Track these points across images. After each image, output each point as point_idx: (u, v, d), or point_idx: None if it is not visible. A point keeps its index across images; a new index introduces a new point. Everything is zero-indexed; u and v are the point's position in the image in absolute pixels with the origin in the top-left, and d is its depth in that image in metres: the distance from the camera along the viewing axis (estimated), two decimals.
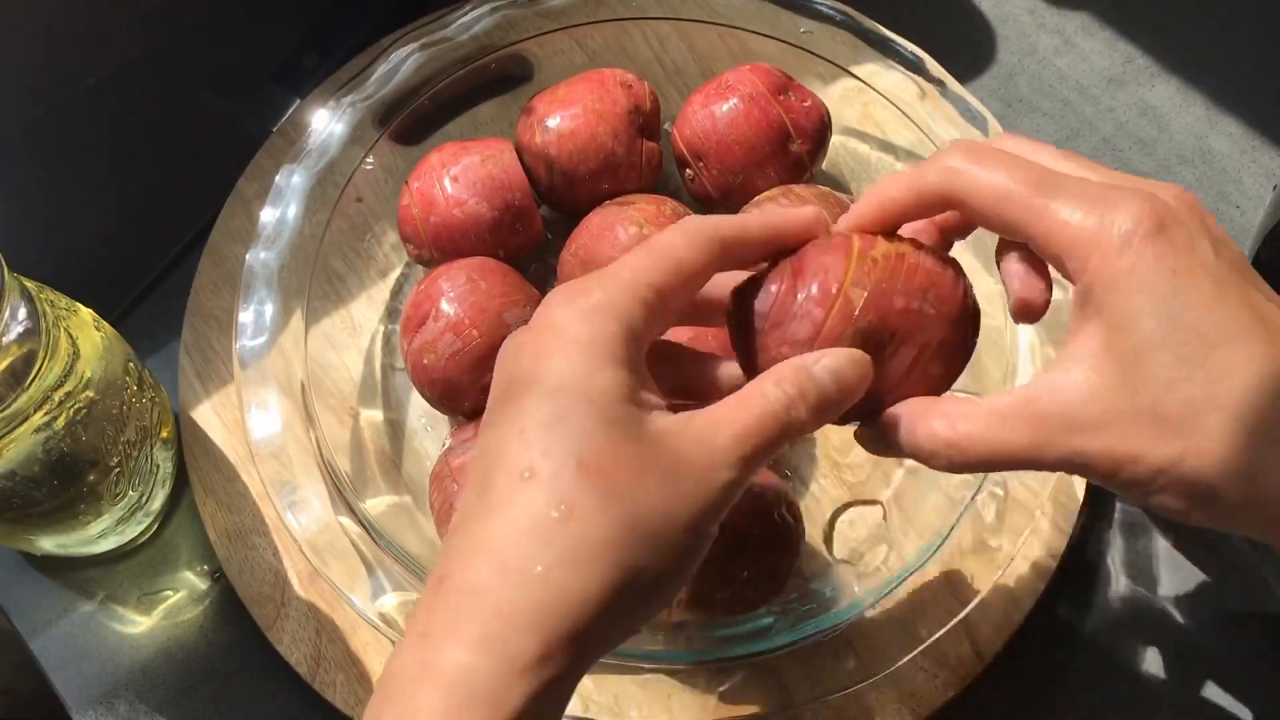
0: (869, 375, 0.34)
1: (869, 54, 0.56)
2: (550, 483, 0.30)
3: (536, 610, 0.29)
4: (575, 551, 0.29)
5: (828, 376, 0.33)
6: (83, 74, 0.62)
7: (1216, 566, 0.54)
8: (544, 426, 0.30)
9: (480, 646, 0.28)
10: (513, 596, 0.29)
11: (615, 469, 0.30)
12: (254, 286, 0.51)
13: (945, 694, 0.49)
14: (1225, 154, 0.64)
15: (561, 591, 0.29)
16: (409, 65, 0.56)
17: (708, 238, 0.34)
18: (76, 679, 0.51)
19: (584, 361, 0.31)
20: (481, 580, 0.29)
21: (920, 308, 0.34)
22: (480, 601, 0.29)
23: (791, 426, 0.32)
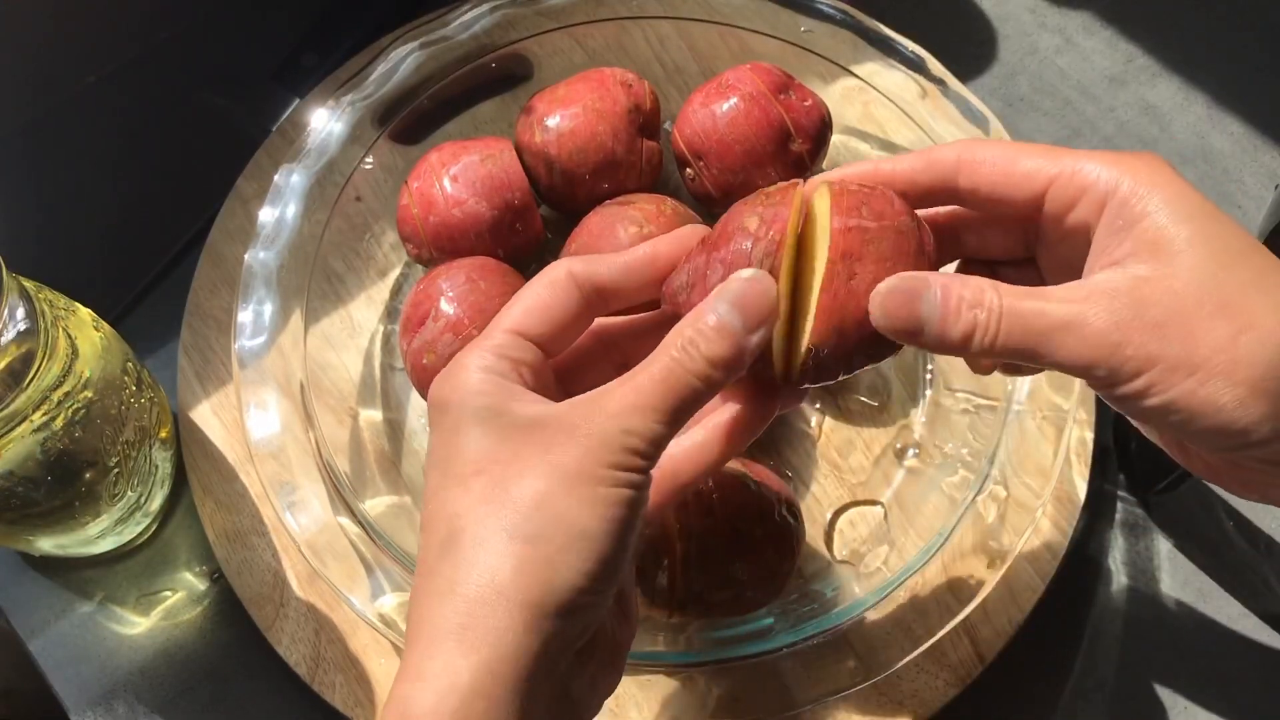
0: (769, 289, 0.33)
1: (870, 53, 0.56)
2: (441, 511, 0.32)
3: (450, 617, 0.30)
4: (471, 549, 0.30)
5: (722, 304, 0.32)
6: (82, 73, 0.62)
7: (1216, 566, 0.54)
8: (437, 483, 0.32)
9: (415, 672, 0.30)
10: (433, 617, 0.30)
11: (490, 466, 0.31)
12: (253, 286, 0.51)
13: (945, 694, 0.49)
14: (1226, 153, 0.64)
15: (465, 589, 0.30)
16: (408, 64, 0.56)
17: (576, 285, 0.35)
18: (75, 680, 0.51)
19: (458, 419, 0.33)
20: (416, 618, 0.31)
21: (859, 224, 0.33)
22: (414, 636, 0.31)
23: (695, 367, 0.32)
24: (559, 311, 0.35)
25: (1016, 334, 0.32)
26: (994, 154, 0.35)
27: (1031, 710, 0.52)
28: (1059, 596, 0.52)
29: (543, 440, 0.31)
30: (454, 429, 0.32)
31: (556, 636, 0.30)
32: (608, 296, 0.36)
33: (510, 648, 0.29)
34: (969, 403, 0.52)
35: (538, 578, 0.30)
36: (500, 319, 0.35)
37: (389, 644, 0.50)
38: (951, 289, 0.32)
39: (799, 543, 0.48)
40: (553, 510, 0.30)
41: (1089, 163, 0.33)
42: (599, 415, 0.31)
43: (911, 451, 0.54)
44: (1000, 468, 0.48)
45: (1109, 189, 0.32)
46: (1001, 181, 0.34)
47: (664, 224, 0.51)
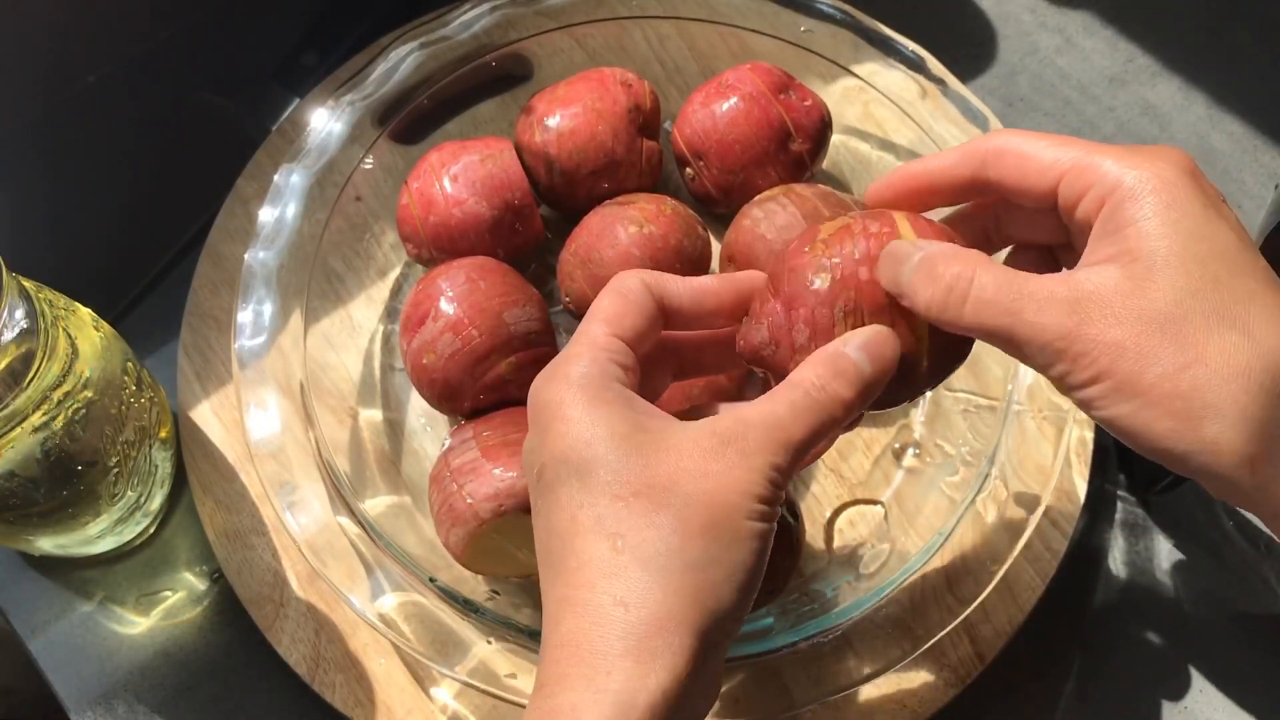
0: (896, 345, 0.35)
1: (870, 53, 0.56)
2: (598, 526, 0.32)
3: (624, 637, 0.30)
4: (640, 571, 0.31)
5: (860, 353, 0.34)
6: (82, 73, 0.62)
7: (1216, 566, 0.54)
8: (578, 491, 0.33)
9: (586, 684, 0.30)
10: (603, 634, 0.31)
11: (646, 489, 0.32)
12: (253, 286, 0.51)
13: (945, 694, 0.49)
14: (1227, 153, 0.64)
15: (640, 611, 0.31)
16: (408, 64, 0.56)
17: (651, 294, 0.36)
18: (75, 679, 0.51)
19: (588, 422, 0.33)
20: (575, 631, 0.31)
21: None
22: (576, 649, 0.31)
23: (831, 406, 0.33)
24: (640, 319, 0.36)
25: (986, 311, 0.32)
26: (1017, 144, 0.35)
27: (1031, 710, 0.52)
28: (1059, 596, 0.52)
29: (698, 468, 0.32)
30: (587, 440, 0.33)
31: (717, 661, 0.32)
32: (671, 315, 0.37)
33: (683, 672, 0.31)
34: (969, 402, 0.52)
35: (706, 606, 0.31)
36: (593, 324, 0.35)
37: (389, 644, 0.50)
38: (929, 258, 0.34)
39: (799, 543, 0.48)
40: (717, 540, 0.31)
41: (1099, 157, 0.33)
42: (750, 448, 0.32)
43: (911, 451, 0.54)
44: (1000, 468, 0.48)
45: (1111, 187, 0.33)
46: (1023, 172, 0.35)
47: (664, 224, 0.51)
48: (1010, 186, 0.35)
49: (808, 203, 0.51)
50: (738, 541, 0.32)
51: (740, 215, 0.53)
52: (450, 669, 0.45)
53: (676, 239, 0.51)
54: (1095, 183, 0.33)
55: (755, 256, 0.51)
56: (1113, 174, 0.33)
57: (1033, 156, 0.35)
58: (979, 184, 0.36)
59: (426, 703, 0.49)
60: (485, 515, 0.45)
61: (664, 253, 0.51)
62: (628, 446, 0.32)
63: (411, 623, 0.45)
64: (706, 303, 0.37)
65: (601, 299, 0.36)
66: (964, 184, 0.37)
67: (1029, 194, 0.35)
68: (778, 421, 0.33)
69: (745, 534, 0.32)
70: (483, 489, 0.45)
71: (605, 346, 0.35)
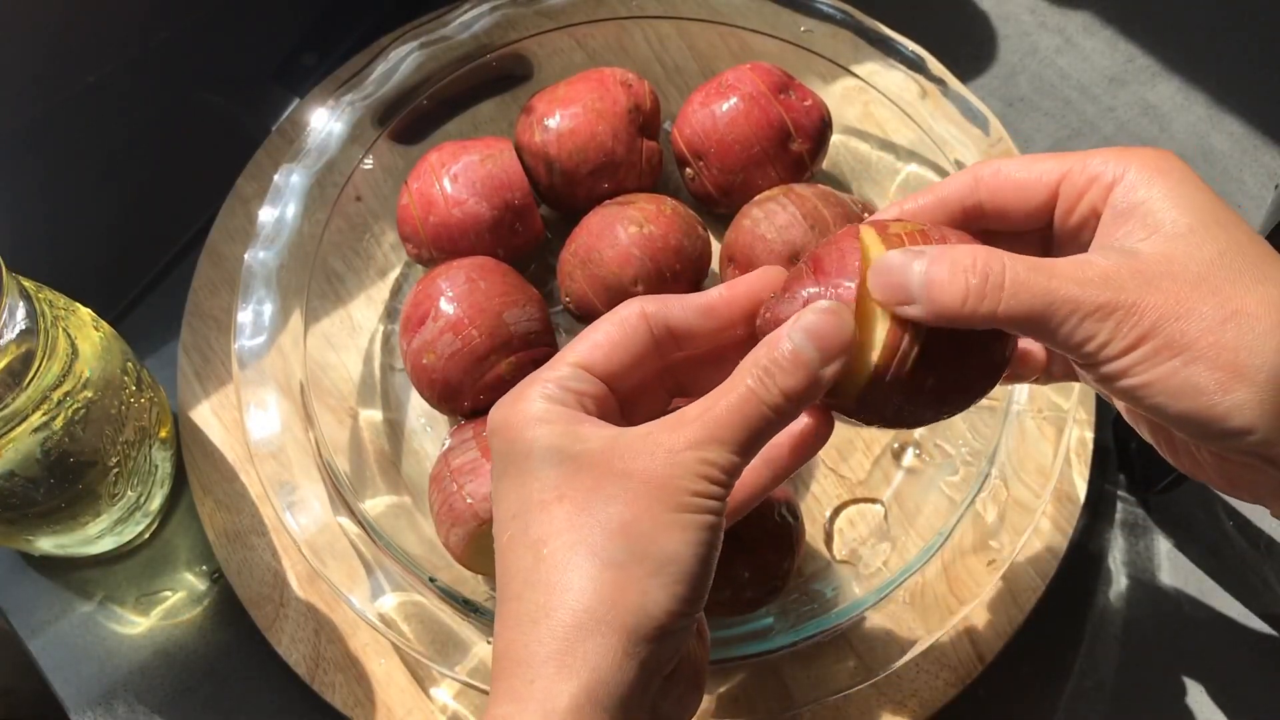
0: (845, 322, 0.33)
1: (870, 53, 0.56)
2: (525, 537, 0.32)
3: (546, 642, 0.30)
4: (560, 574, 0.31)
5: (801, 336, 0.32)
6: (82, 73, 0.62)
7: (1216, 566, 0.54)
8: (514, 506, 0.33)
9: (513, 695, 0.30)
10: (527, 642, 0.31)
11: (570, 493, 0.32)
12: (253, 286, 0.51)
13: (945, 694, 0.49)
14: (1226, 153, 0.64)
15: (560, 614, 0.30)
16: (408, 64, 0.56)
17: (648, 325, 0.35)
18: (75, 679, 0.51)
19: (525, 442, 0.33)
20: (506, 642, 0.31)
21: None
22: (508, 661, 0.31)
23: (770, 398, 0.32)
24: (627, 351, 0.35)
25: (1024, 295, 0.31)
26: (1008, 163, 0.36)
27: (1031, 710, 0.52)
28: (1059, 596, 0.52)
29: (623, 467, 0.32)
30: (524, 455, 0.33)
31: (650, 660, 0.31)
32: (681, 338, 0.36)
33: (607, 673, 0.30)
34: None
35: (632, 603, 0.30)
36: (566, 352, 0.35)
37: (389, 644, 0.50)
38: (942, 253, 0.32)
39: (799, 542, 0.48)
40: (641, 535, 0.31)
41: (1098, 155, 0.34)
42: (679, 444, 0.32)
43: (911, 451, 0.54)
44: (1000, 468, 0.48)
45: (1117, 175, 0.33)
46: (1019, 188, 0.35)
47: (664, 224, 0.51)
48: (1002, 205, 0.35)
49: (808, 203, 0.51)
50: (669, 533, 0.31)
51: (740, 215, 0.53)
52: (450, 669, 0.45)
53: (676, 239, 0.51)
54: (1098, 176, 0.33)
55: (755, 256, 0.51)
56: (1116, 165, 0.33)
57: (1024, 170, 0.35)
58: (970, 213, 0.36)
59: (426, 703, 0.49)
60: (485, 515, 0.45)
61: (664, 253, 0.51)
62: (558, 458, 0.32)
63: (411, 623, 0.45)
64: (713, 316, 0.36)
65: (591, 328, 0.36)
66: (955, 219, 0.36)
67: (1023, 208, 0.35)
68: (715, 418, 0.32)
69: (675, 525, 0.31)
70: (483, 489, 0.45)
71: (559, 374, 0.34)
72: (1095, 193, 0.34)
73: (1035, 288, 0.31)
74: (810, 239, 0.50)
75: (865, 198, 0.57)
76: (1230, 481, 0.34)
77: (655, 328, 0.35)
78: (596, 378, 0.34)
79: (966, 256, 0.32)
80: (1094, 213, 0.34)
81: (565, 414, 0.33)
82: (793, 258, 0.50)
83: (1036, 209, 0.35)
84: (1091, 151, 0.34)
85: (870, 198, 0.58)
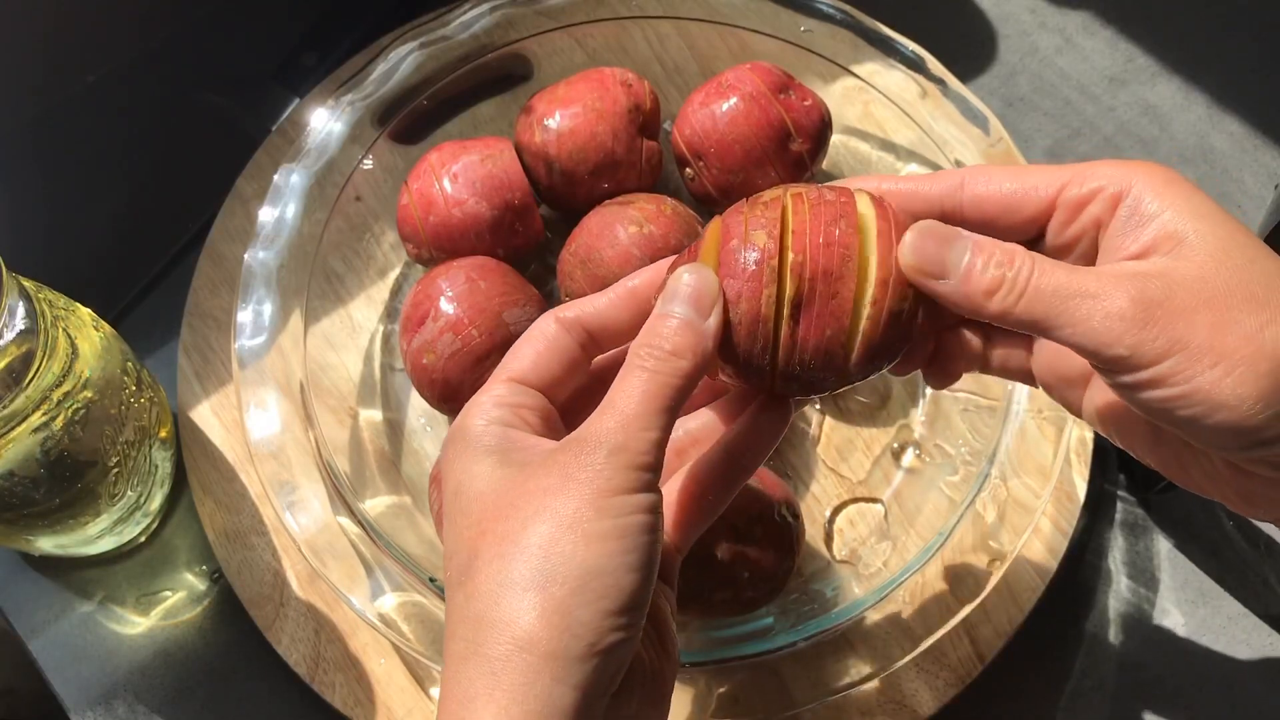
0: (709, 277, 0.33)
1: (869, 53, 0.56)
2: (456, 574, 0.31)
3: (477, 680, 0.29)
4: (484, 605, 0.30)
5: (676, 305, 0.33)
6: (82, 72, 0.62)
7: (1216, 566, 0.54)
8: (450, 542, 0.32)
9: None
10: (459, 680, 0.30)
11: (491, 523, 0.31)
12: (253, 286, 0.51)
13: (945, 694, 0.49)
14: (1226, 153, 0.64)
15: (486, 649, 0.29)
16: (408, 64, 0.55)
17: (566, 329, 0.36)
18: (75, 679, 0.51)
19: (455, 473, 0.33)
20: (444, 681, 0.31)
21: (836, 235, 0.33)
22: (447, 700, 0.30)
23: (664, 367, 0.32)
24: (553, 357, 0.35)
25: (1044, 297, 0.31)
26: (999, 172, 0.35)
27: (1031, 710, 0.52)
28: (1059, 596, 0.52)
29: (541, 483, 0.31)
30: (461, 478, 0.32)
31: (587, 682, 0.30)
32: (599, 336, 0.36)
33: (540, 701, 0.29)
34: (969, 402, 0.52)
35: (557, 625, 0.29)
36: (498, 371, 0.35)
37: (389, 644, 0.50)
38: (984, 243, 0.33)
39: (799, 542, 0.48)
40: (560, 553, 0.30)
41: (1098, 168, 0.33)
42: (590, 447, 0.31)
43: (911, 451, 0.54)
44: (1000, 468, 0.48)
45: (1123, 188, 0.33)
46: (1008, 200, 0.34)
47: (664, 224, 0.51)
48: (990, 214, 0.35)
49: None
50: (589, 545, 0.30)
51: None
52: None
53: (676, 239, 0.51)
54: (1103, 186, 0.33)
55: None
56: (1120, 178, 0.33)
57: (1018, 179, 0.34)
58: (950, 214, 0.35)
59: (426, 703, 0.49)
60: None
61: (664, 253, 0.51)
62: (487, 478, 0.32)
63: (411, 623, 0.45)
64: (621, 307, 0.36)
65: (519, 344, 0.36)
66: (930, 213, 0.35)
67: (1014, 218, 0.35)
68: (619, 409, 0.31)
69: (596, 535, 0.30)
70: None
71: (495, 393, 0.34)
72: (1098, 206, 0.33)
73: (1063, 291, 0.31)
74: None
75: None
76: (1249, 500, 0.34)
77: (573, 330, 0.35)
78: (534, 389, 0.34)
79: (1005, 253, 0.32)
80: (1095, 224, 0.33)
81: (501, 432, 0.33)
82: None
83: (1025, 221, 0.35)
84: (1089, 164, 0.34)
85: None
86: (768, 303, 0.32)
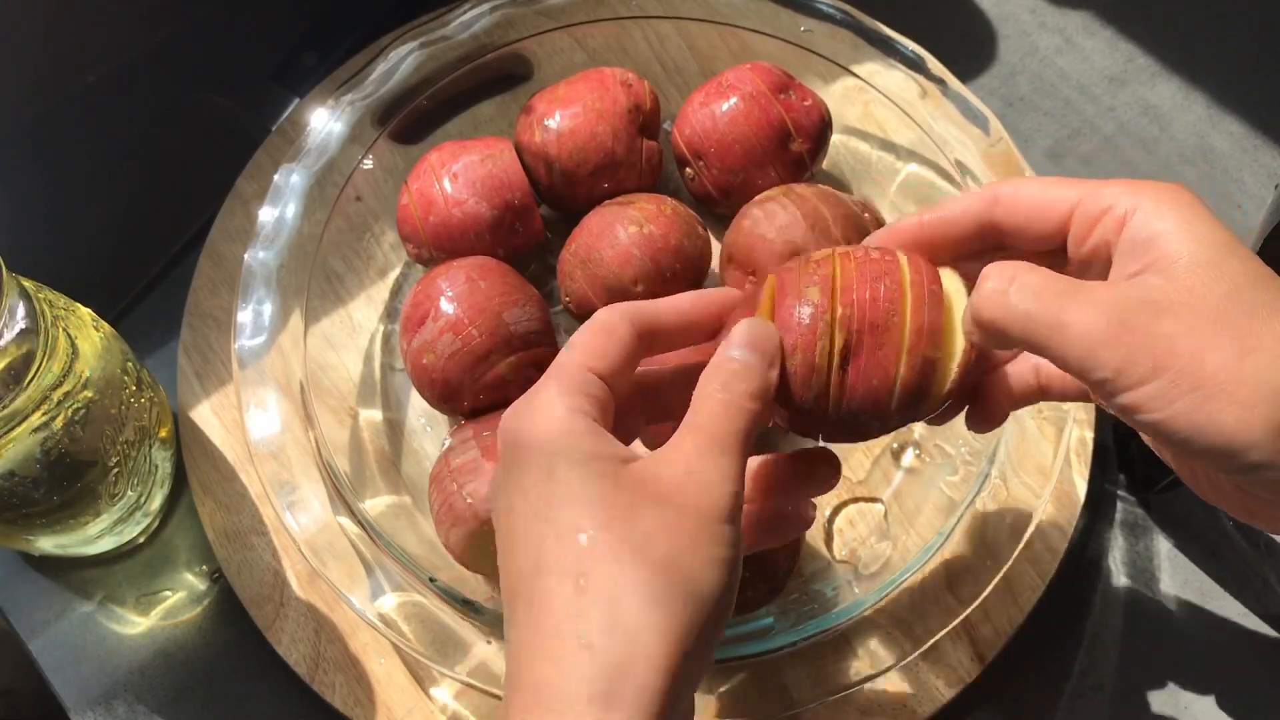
0: (771, 331, 0.35)
1: (870, 53, 0.56)
2: (561, 565, 0.31)
3: (589, 681, 0.30)
4: (605, 611, 0.30)
5: (739, 350, 0.35)
6: (82, 73, 0.62)
7: (1216, 566, 0.54)
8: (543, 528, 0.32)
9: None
10: (565, 679, 0.30)
11: (609, 524, 0.31)
12: (253, 286, 0.51)
13: (945, 694, 0.49)
14: (1227, 153, 0.64)
15: (605, 654, 0.30)
16: (408, 64, 0.56)
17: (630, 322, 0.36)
18: (75, 679, 0.51)
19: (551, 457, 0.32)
20: (535, 675, 0.30)
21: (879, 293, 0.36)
22: (536, 694, 0.30)
23: (740, 405, 0.34)
24: (619, 350, 0.36)
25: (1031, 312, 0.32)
26: (1025, 185, 0.36)
27: (1031, 710, 0.52)
28: (1059, 596, 0.52)
29: (656, 496, 0.32)
30: (549, 472, 0.32)
31: (685, 696, 0.31)
32: (656, 333, 0.37)
33: (651, 712, 0.29)
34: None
35: (677, 641, 0.30)
36: (571, 356, 0.35)
37: (389, 644, 0.50)
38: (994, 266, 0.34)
39: (799, 542, 0.48)
40: (682, 571, 0.31)
41: (1112, 186, 0.34)
42: (694, 458, 0.32)
43: (911, 451, 0.54)
44: (1000, 468, 0.48)
45: (1130, 208, 0.33)
46: (1035, 209, 0.36)
47: (664, 224, 0.51)
48: (1018, 224, 0.36)
49: (808, 203, 0.51)
50: (708, 569, 0.31)
51: (740, 215, 0.53)
52: (450, 669, 0.45)
53: (677, 239, 0.51)
54: (1113, 204, 0.34)
55: (755, 256, 0.51)
56: (1129, 198, 0.33)
57: (1042, 193, 0.36)
58: (985, 229, 0.37)
59: (426, 703, 0.49)
60: (485, 515, 0.45)
61: (664, 253, 0.51)
62: (590, 477, 0.32)
63: (411, 623, 0.45)
64: (686, 311, 0.37)
65: (580, 333, 0.36)
66: (970, 233, 0.37)
67: (1038, 229, 0.36)
68: (708, 426, 0.33)
69: (710, 564, 0.31)
70: (483, 489, 0.45)
71: (577, 380, 0.34)
72: (1107, 225, 0.34)
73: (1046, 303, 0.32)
74: (811, 239, 0.50)
75: (865, 198, 0.57)
76: (1250, 512, 0.34)
77: (636, 323, 0.36)
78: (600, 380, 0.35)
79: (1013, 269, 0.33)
80: (1105, 244, 0.34)
81: (592, 429, 0.33)
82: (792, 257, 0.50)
83: (1050, 233, 0.35)
84: (1105, 182, 0.34)
85: (870, 198, 0.58)
86: (821, 354, 0.35)
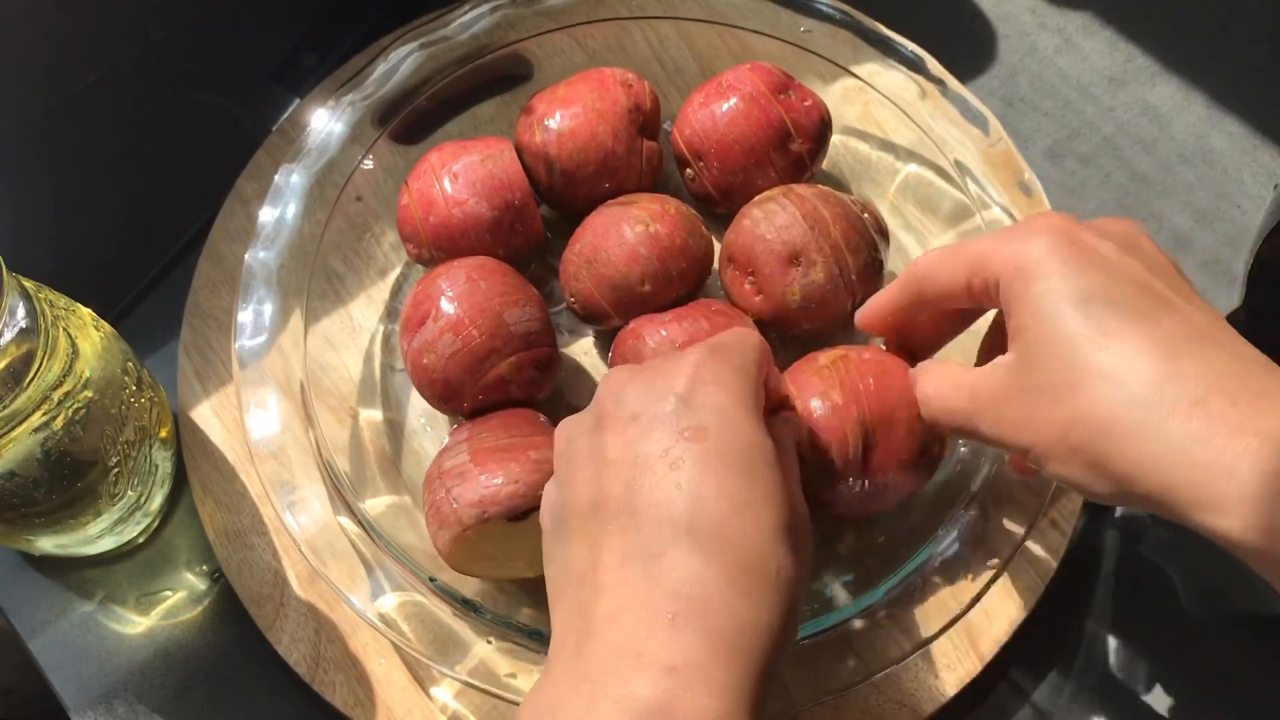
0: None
1: (869, 53, 0.56)
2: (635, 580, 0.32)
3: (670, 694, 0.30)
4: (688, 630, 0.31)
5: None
6: (82, 72, 0.62)
7: (1217, 567, 0.54)
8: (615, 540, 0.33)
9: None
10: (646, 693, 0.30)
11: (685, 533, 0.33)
12: (253, 286, 0.51)
13: (945, 694, 0.49)
14: (1226, 154, 0.64)
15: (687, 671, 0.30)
16: (408, 64, 0.56)
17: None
18: (75, 679, 0.51)
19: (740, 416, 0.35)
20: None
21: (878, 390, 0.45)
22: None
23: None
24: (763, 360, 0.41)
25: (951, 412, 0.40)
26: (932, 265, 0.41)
27: (1031, 710, 0.52)
28: (1059, 596, 0.52)
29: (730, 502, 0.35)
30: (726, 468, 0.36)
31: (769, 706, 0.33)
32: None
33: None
34: None
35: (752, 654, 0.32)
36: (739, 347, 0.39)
37: (389, 644, 0.50)
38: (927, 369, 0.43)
39: None
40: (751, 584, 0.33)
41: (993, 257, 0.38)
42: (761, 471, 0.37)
43: None
44: (1000, 466, 0.48)
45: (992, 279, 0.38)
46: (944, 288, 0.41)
47: (669, 223, 0.51)
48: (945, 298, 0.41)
49: (807, 203, 0.51)
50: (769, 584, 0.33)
51: (740, 215, 0.53)
52: (450, 669, 0.45)
53: (681, 238, 0.52)
54: (986, 276, 0.38)
55: (755, 257, 0.51)
56: (1001, 264, 0.37)
57: (944, 273, 0.40)
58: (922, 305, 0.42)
59: (426, 702, 0.49)
60: (468, 521, 0.45)
61: (670, 252, 0.51)
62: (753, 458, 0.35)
63: (411, 622, 0.45)
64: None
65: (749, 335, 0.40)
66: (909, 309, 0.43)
67: (961, 301, 0.40)
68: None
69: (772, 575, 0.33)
70: (468, 494, 0.45)
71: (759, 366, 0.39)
72: (993, 297, 0.38)
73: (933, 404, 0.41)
74: (810, 239, 0.50)
75: (865, 198, 0.57)
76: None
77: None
78: None
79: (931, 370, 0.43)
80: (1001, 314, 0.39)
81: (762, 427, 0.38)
82: (792, 258, 0.50)
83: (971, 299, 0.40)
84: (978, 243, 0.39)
85: (870, 198, 0.58)
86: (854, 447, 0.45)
